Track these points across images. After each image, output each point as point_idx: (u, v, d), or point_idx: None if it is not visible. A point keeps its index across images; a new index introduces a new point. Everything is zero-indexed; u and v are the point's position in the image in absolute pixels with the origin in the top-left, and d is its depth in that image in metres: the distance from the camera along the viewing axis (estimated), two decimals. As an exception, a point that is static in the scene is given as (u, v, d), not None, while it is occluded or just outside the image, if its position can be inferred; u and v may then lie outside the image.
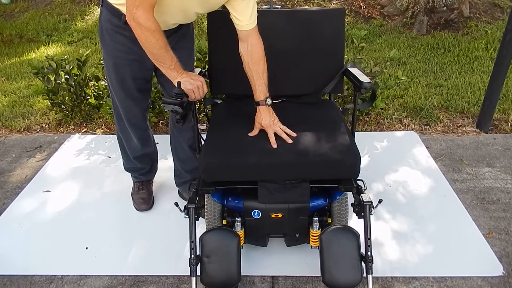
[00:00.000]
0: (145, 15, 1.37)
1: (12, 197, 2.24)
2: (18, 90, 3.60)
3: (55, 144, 2.75)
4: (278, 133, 1.58)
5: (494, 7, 4.71)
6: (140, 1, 1.36)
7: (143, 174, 2.13)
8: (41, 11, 5.59)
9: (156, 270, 1.76)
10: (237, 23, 1.59)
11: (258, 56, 1.62)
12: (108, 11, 1.61)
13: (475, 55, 3.89)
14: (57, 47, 4.70)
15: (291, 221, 1.62)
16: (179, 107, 1.41)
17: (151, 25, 1.39)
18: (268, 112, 1.60)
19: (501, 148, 2.55)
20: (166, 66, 1.48)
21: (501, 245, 1.84)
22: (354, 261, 1.46)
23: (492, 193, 2.16)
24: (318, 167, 1.50)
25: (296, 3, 5.10)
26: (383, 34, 4.51)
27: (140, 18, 1.37)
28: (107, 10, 1.61)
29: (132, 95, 1.79)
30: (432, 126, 2.81)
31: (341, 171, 1.52)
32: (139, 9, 1.36)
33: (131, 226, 2.02)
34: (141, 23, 1.38)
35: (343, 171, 1.52)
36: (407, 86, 3.34)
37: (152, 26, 1.39)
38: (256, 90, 1.63)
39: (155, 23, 1.40)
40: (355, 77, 1.71)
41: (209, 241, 1.51)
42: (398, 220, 2.00)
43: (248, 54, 1.62)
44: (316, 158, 1.50)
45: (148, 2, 1.37)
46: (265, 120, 1.59)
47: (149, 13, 1.38)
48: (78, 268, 1.78)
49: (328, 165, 1.49)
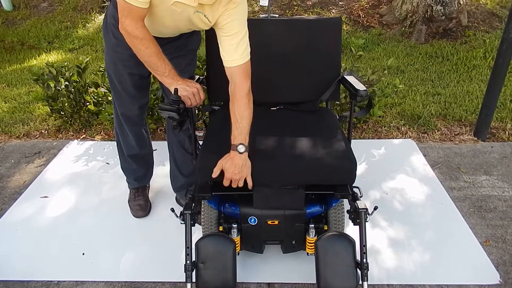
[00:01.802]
0: (133, 24, 1.41)
1: (10, 203, 2.25)
2: (18, 96, 3.62)
3: (54, 150, 2.76)
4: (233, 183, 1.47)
5: (492, 17, 4.75)
6: (128, 12, 1.40)
7: (138, 179, 2.14)
8: (43, 19, 5.64)
9: (152, 276, 1.76)
10: (223, 58, 1.54)
11: (240, 96, 1.51)
12: (113, 7, 1.64)
13: (473, 64, 3.92)
14: (58, 54, 4.73)
15: (287, 228, 1.62)
16: (175, 113, 1.42)
17: (139, 34, 1.42)
18: (235, 160, 1.45)
19: (498, 156, 2.56)
20: (160, 73, 1.50)
21: (498, 253, 1.84)
22: (349, 268, 1.46)
23: (489, 201, 2.16)
24: (314, 172, 1.50)
25: (295, 12, 5.14)
26: (382, 42, 4.54)
27: (128, 27, 1.42)
28: (113, 6, 1.65)
29: (128, 90, 1.81)
30: (430, 134, 2.82)
31: (337, 177, 1.52)
32: (128, 18, 1.41)
33: (127, 232, 2.02)
34: (129, 32, 1.43)
35: (339, 176, 1.52)
36: (405, 94, 3.36)
37: (140, 35, 1.43)
38: (232, 133, 1.49)
39: (143, 31, 1.43)
40: (351, 85, 1.73)
41: (205, 247, 1.51)
42: (395, 227, 2.00)
43: (231, 94, 1.53)
44: (312, 163, 1.51)
45: (137, 13, 1.40)
46: (228, 166, 1.45)
47: (137, 23, 1.42)
48: (74, 274, 1.78)
49: (324, 170, 1.50)
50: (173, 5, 1.44)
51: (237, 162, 1.45)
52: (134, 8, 1.39)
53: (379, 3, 5.19)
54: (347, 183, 1.55)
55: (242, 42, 1.51)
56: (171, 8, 1.45)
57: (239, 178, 1.46)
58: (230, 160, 1.46)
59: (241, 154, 1.46)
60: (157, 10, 1.47)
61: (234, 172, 1.44)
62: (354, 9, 5.13)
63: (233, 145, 1.47)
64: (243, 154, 1.46)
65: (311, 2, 5.35)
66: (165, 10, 1.46)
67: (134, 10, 1.39)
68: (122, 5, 1.40)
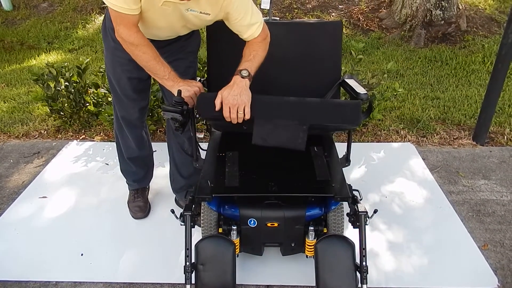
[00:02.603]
0: (126, 31, 1.43)
1: (9, 203, 2.24)
2: (18, 96, 3.62)
3: (53, 150, 2.76)
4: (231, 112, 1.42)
5: (491, 22, 4.77)
6: (121, 20, 1.41)
7: (137, 181, 2.14)
8: (42, 19, 5.64)
9: (151, 277, 1.75)
10: (240, 35, 1.59)
11: (256, 40, 1.55)
12: None
13: (472, 68, 3.94)
14: (57, 55, 4.73)
15: (287, 230, 1.62)
16: (179, 115, 1.43)
17: (134, 40, 1.44)
18: (234, 86, 1.43)
19: (497, 160, 2.57)
20: (160, 76, 1.51)
21: (496, 257, 1.85)
22: (349, 271, 1.46)
23: (488, 206, 2.17)
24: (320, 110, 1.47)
25: (295, 15, 5.16)
26: (381, 46, 4.55)
27: (123, 34, 1.43)
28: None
29: (127, 94, 1.81)
30: (429, 138, 2.83)
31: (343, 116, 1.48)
32: (121, 26, 1.42)
33: (126, 233, 2.01)
34: (124, 39, 1.44)
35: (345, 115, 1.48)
36: (404, 98, 3.37)
37: (135, 41, 1.44)
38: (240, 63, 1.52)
39: (138, 37, 1.44)
40: (351, 88, 1.73)
41: (205, 249, 1.51)
42: (394, 231, 2.00)
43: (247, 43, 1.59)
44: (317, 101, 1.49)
45: (129, 20, 1.41)
46: (226, 93, 1.42)
47: (130, 30, 1.43)
48: (73, 275, 1.77)
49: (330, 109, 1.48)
50: (163, 5, 1.44)
51: (235, 88, 1.41)
52: (125, 15, 1.40)
53: (379, 7, 5.21)
54: (353, 123, 1.49)
55: (253, 18, 1.52)
56: (162, 8, 1.45)
57: (236, 104, 1.39)
58: (228, 88, 1.43)
59: (243, 78, 1.43)
60: (148, 15, 1.48)
61: (233, 96, 1.39)
62: (354, 12, 5.15)
63: (237, 71, 1.45)
64: (244, 79, 1.43)
65: (311, 6, 5.37)
66: (156, 12, 1.47)
67: (125, 17, 1.40)
68: (113, 14, 1.41)
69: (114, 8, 1.38)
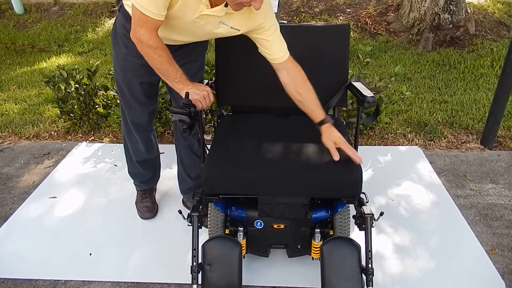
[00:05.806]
0: (147, 34, 1.42)
1: (19, 202, 2.28)
2: (29, 98, 3.67)
3: (63, 152, 2.80)
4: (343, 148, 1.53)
5: (500, 25, 4.75)
6: (144, 22, 1.41)
7: (145, 182, 2.16)
8: (53, 22, 5.72)
9: (158, 277, 1.77)
10: (268, 58, 1.61)
11: (303, 79, 1.62)
12: (123, 17, 1.65)
13: (481, 72, 3.92)
14: (68, 57, 4.79)
15: (293, 232, 1.63)
16: (186, 116, 1.45)
17: (153, 43, 1.44)
18: (335, 128, 1.58)
19: (505, 165, 2.56)
20: (171, 79, 1.51)
21: (504, 261, 1.84)
22: (354, 273, 1.47)
23: (496, 210, 2.16)
24: (321, 186, 1.52)
25: (302, 19, 5.17)
26: (389, 50, 4.55)
27: (142, 36, 1.43)
28: (122, 16, 1.66)
29: (138, 98, 1.82)
30: (436, 141, 2.82)
31: (345, 191, 1.53)
32: (142, 28, 1.42)
33: (134, 233, 2.04)
34: (142, 41, 1.44)
35: (346, 190, 1.53)
36: (412, 101, 3.37)
37: (154, 44, 1.44)
38: (314, 110, 1.61)
39: (157, 41, 1.45)
40: (358, 91, 1.74)
41: (211, 250, 1.53)
42: (400, 234, 2.00)
43: (292, 80, 1.62)
44: (319, 176, 1.51)
45: (152, 24, 1.41)
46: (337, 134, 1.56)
47: (151, 33, 1.43)
48: (81, 274, 1.80)
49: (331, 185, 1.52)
50: (198, 18, 1.44)
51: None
52: (150, 19, 1.39)
53: (387, 11, 5.21)
54: (354, 196, 1.55)
55: (280, 37, 1.58)
56: (194, 21, 1.45)
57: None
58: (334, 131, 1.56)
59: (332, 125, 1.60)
60: (175, 22, 1.48)
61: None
62: (362, 16, 5.15)
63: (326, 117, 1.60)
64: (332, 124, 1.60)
65: (318, 9, 5.38)
66: (186, 22, 1.47)
67: (150, 21, 1.40)
68: (138, 15, 1.40)
69: (143, 11, 1.37)
